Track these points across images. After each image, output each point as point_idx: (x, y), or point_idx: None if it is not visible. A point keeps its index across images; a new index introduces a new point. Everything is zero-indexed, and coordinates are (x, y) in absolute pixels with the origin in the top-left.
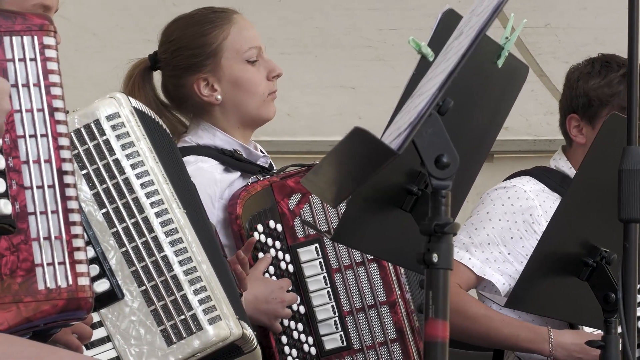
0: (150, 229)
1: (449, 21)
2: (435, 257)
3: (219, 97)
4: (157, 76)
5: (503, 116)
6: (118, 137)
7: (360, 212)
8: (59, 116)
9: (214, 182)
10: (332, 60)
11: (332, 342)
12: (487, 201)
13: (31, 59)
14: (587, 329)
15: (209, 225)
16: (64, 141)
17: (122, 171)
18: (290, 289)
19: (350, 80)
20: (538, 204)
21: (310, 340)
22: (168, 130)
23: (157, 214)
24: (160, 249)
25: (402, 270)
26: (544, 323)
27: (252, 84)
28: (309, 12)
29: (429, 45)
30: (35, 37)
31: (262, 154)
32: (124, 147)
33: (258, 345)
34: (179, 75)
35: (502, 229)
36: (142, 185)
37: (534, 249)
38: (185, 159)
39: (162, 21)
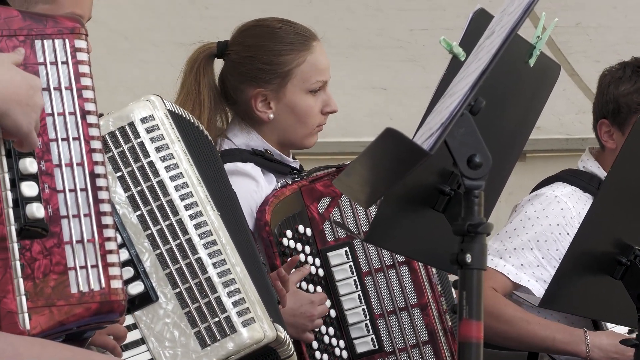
0: (185, 231)
1: (480, 21)
2: (468, 258)
3: (271, 116)
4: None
5: (535, 115)
6: (152, 139)
7: (392, 212)
8: (91, 119)
9: (254, 192)
10: (363, 61)
11: (364, 345)
12: (520, 210)
13: (63, 62)
14: (618, 329)
15: (245, 228)
16: (96, 144)
17: (156, 173)
18: (324, 302)
19: (381, 81)
20: (571, 206)
21: (342, 344)
22: (206, 132)
23: (191, 216)
24: (194, 251)
25: (434, 270)
26: (570, 323)
27: (306, 115)
28: (339, 13)
29: (460, 45)
30: (67, 40)
31: (292, 160)
32: (158, 149)
33: (294, 352)
34: (242, 80)
35: (536, 233)
36: (176, 188)
37: (567, 249)
38: (227, 166)
39: (192, 23)
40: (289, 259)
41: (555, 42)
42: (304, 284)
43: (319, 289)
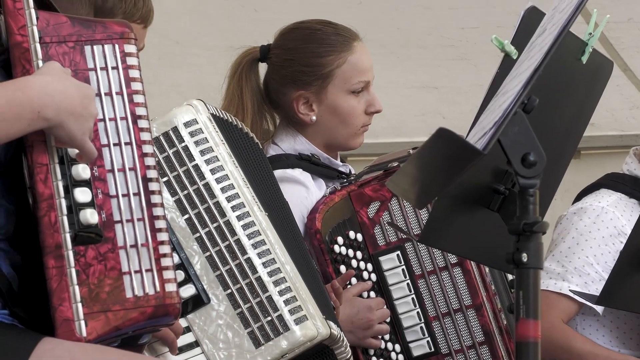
0: (233, 233)
1: (531, 18)
2: (524, 257)
3: (314, 118)
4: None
5: (589, 112)
6: (196, 143)
7: (446, 213)
8: (142, 124)
9: (305, 198)
10: (414, 60)
11: (420, 348)
12: (569, 226)
13: (113, 68)
14: None
15: (295, 228)
16: (147, 148)
17: (202, 176)
18: (382, 308)
19: (433, 80)
20: (619, 215)
21: (398, 347)
22: (252, 134)
23: (239, 217)
24: (243, 251)
25: (487, 269)
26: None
27: (350, 115)
28: (389, 13)
29: (512, 43)
30: (117, 45)
31: (341, 164)
32: (202, 152)
33: (350, 350)
34: (284, 83)
35: (591, 248)
36: (223, 190)
37: (623, 247)
38: (276, 173)
39: (243, 27)
40: (343, 273)
41: (607, 38)
42: (362, 300)
43: (372, 294)
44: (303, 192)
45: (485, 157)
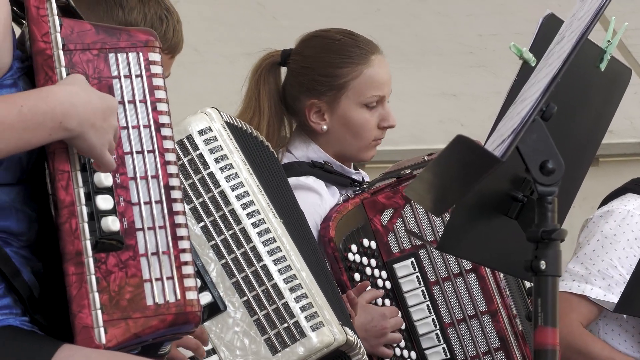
0: (248, 240)
1: (550, 26)
2: (543, 264)
3: (325, 127)
4: None
5: (607, 120)
6: (211, 150)
7: (464, 220)
8: (165, 132)
9: (318, 205)
10: (432, 67)
11: (436, 355)
12: (595, 229)
13: (137, 76)
14: None
15: (309, 234)
16: (170, 157)
17: (217, 184)
18: (395, 316)
19: (451, 87)
20: None
21: (414, 355)
22: (267, 142)
23: (254, 225)
24: (259, 258)
25: (502, 275)
26: None
27: (361, 128)
28: (407, 20)
29: (530, 50)
30: (141, 54)
31: (354, 171)
32: (217, 160)
33: (365, 354)
34: (300, 90)
35: (616, 250)
36: (238, 197)
37: None
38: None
39: (262, 34)
40: (359, 283)
41: (625, 46)
42: (376, 307)
43: (387, 301)
44: (316, 200)
45: (503, 165)
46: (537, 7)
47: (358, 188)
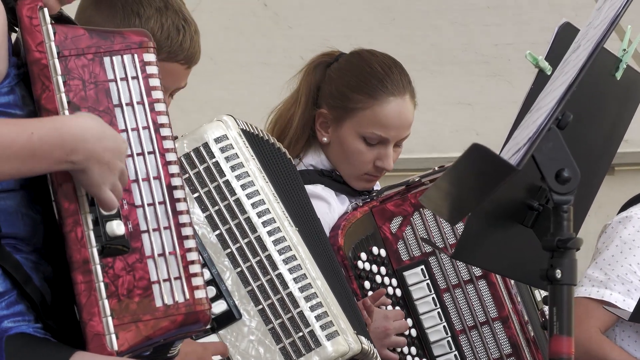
0: (264, 248)
1: (565, 35)
2: (558, 273)
3: (325, 140)
4: None
5: (623, 128)
6: (227, 158)
7: (480, 228)
8: (165, 132)
9: (326, 214)
10: (448, 76)
11: None
12: (614, 235)
13: (133, 78)
14: None
15: (326, 242)
16: (171, 156)
17: (232, 192)
18: (400, 319)
19: (467, 96)
20: None
21: None
22: (284, 149)
23: (269, 233)
24: (274, 267)
25: (512, 281)
26: None
27: (354, 157)
28: (423, 29)
29: (546, 59)
30: (136, 55)
31: None
32: (233, 168)
33: None
34: (322, 95)
35: (635, 256)
36: (253, 205)
37: None
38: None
39: (277, 43)
40: (375, 291)
41: None
42: (379, 309)
43: (397, 309)
44: (325, 209)
45: (519, 173)
46: (552, 16)
47: (367, 196)
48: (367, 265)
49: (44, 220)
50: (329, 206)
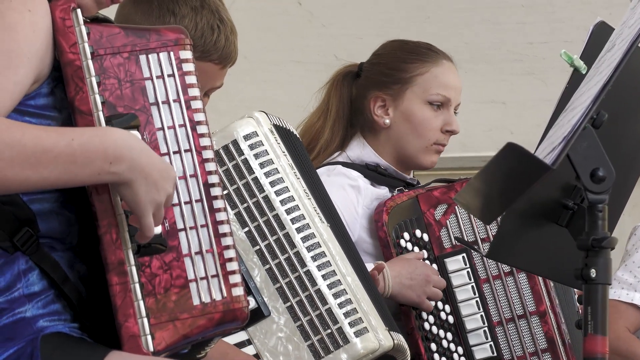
0: (292, 245)
1: (600, 34)
2: (593, 273)
3: (387, 121)
4: None
5: None
6: (256, 155)
7: (514, 228)
8: (202, 129)
9: (358, 190)
10: (482, 75)
11: (482, 352)
12: None
13: (169, 75)
14: None
15: (350, 239)
16: (208, 154)
17: (261, 189)
18: (437, 274)
19: (500, 95)
20: None
21: (460, 350)
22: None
23: (298, 230)
24: (302, 264)
25: (552, 282)
26: None
27: (422, 126)
28: (457, 28)
29: (581, 58)
30: (172, 53)
31: (409, 177)
32: (262, 165)
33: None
34: (366, 86)
35: None
36: (282, 202)
37: None
38: (329, 167)
39: (309, 42)
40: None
41: None
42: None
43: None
44: (353, 196)
45: (554, 172)
46: (587, 15)
47: (413, 187)
48: (409, 246)
49: (78, 219)
50: (359, 193)
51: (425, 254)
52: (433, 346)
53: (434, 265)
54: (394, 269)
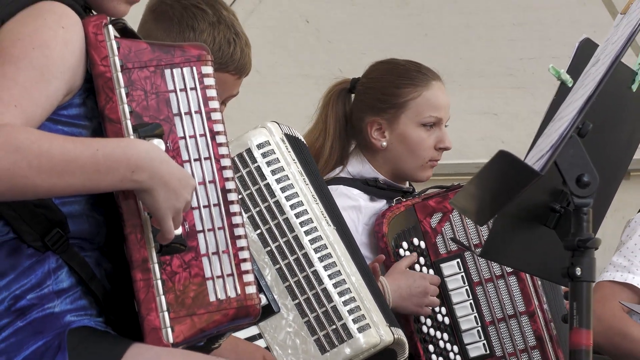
0: (301, 247)
1: (586, 49)
2: (578, 271)
3: (384, 144)
4: None
5: (638, 136)
6: (268, 163)
7: (506, 229)
8: (220, 139)
9: (358, 209)
10: (476, 88)
11: (476, 350)
12: (637, 227)
13: (191, 89)
14: None
15: (355, 241)
16: (226, 162)
17: (272, 194)
18: (435, 283)
19: (493, 106)
20: None
21: (456, 349)
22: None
23: (307, 232)
24: (310, 264)
25: (540, 282)
26: None
27: (418, 147)
28: (454, 45)
29: (567, 72)
30: (194, 68)
31: (405, 186)
32: (273, 172)
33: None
34: (363, 109)
35: None
36: (292, 207)
37: None
38: (332, 187)
39: (318, 57)
40: (408, 257)
41: None
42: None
43: (432, 273)
44: (357, 206)
45: (542, 178)
46: (573, 33)
47: (410, 196)
48: (407, 254)
49: (106, 221)
50: (360, 214)
51: (422, 260)
52: (431, 347)
53: (430, 271)
54: (393, 282)
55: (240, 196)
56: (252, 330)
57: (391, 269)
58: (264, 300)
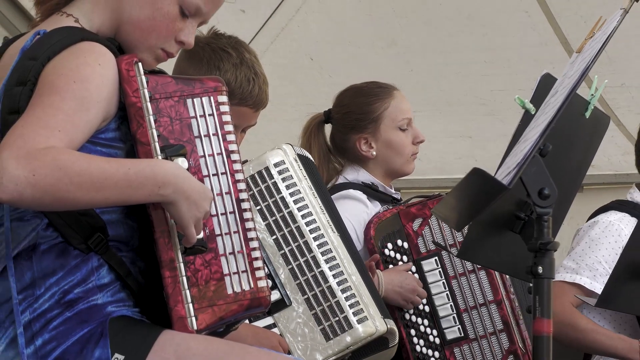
0: (310, 250)
1: (546, 83)
2: (540, 269)
3: (374, 153)
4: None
5: (591, 156)
6: (283, 179)
7: (479, 234)
8: (234, 157)
9: (366, 204)
10: (454, 115)
11: (452, 333)
12: (584, 235)
13: (209, 115)
14: None
15: (354, 245)
16: (239, 176)
17: (286, 206)
18: (420, 285)
19: (468, 131)
20: (623, 227)
21: (435, 332)
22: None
23: (315, 238)
24: (317, 265)
25: (509, 277)
26: (618, 325)
27: (401, 147)
28: (435, 79)
29: (531, 101)
30: (212, 97)
31: (394, 192)
32: (288, 187)
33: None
34: (346, 132)
35: (600, 250)
36: (303, 216)
37: (618, 258)
38: (342, 192)
39: (321, 89)
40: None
41: (605, 99)
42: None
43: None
44: (363, 208)
45: (509, 191)
46: (536, 68)
47: (396, 203)
48: (392, 253)
49: (139, 227)
50: (367, 206)
51: (405, 258)
52: (413, 332)
53: (413, 267)
54: (388, 277)
55: (258, 207)
56: (268, 321)
57: (391, 269)
58: (278, 295)
